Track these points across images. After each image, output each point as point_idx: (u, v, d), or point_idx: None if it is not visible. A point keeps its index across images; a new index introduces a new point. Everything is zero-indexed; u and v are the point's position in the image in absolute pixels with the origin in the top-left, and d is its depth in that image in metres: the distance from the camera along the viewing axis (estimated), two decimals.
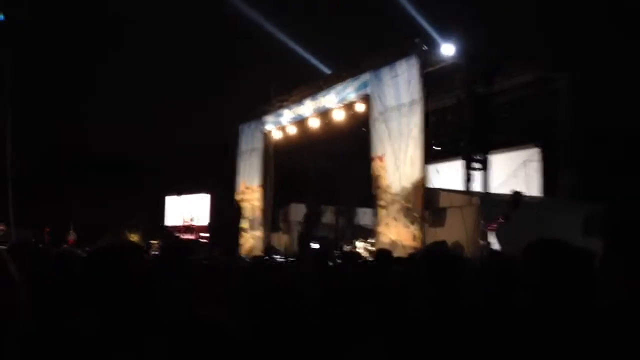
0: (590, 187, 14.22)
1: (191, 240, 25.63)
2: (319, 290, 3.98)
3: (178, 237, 24.81)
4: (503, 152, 16.18)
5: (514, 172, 16.31)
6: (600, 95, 13.79)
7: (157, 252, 20.08)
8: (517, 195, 11.84)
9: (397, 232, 14.08)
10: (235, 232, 20.14)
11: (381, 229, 14.79)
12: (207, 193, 27.31)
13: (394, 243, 13.99)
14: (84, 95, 24.36)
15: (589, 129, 14.37)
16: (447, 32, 14.30)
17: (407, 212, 13.85)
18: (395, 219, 14.21)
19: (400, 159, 14.34)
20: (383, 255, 6.56)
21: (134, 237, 26.91)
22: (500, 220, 12.13)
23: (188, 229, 27.03)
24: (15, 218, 21.21)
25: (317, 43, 19.99)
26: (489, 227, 12.33)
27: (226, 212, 23.50)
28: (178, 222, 27.71)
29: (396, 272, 4.91)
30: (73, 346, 2.62)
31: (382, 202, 14.89)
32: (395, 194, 14.35)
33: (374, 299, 3.75)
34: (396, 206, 14.26)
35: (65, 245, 21.94)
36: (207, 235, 26.00)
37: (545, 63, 15.27)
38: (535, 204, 14.63)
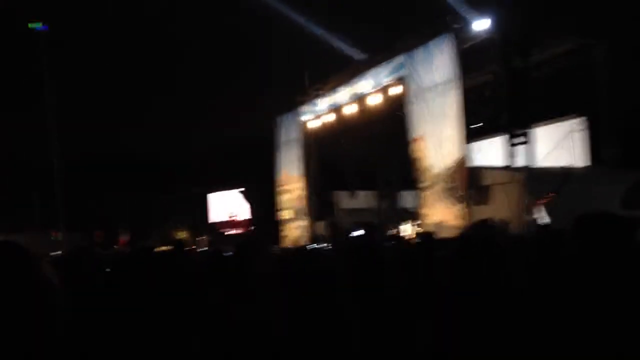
0: (633, 156, 13.90)
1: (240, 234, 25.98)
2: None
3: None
4: (546, 124, 15.90)
5: (558, 144, 16.02)
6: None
7: (204, 248, 20.39)
8: (566, 170, 11.64)
9: (442, 213, 14.00)
10: None
11: (426, 210, 14.73)
12: (248, 187, 27.57)
13: (440, 223, 13.94)
14: (122, 98, 24.74)
15: (630, 97, 14.00)
16: (479, 7, 14.08)
17: (451, 192, 13.76)
18: (440, 200, 14.14)
19: (440, 138, 14.23)
20: (424, 237, 6.48)
21: (182, 234, 27.36)
22: (550, 194, 11.98)
23: (233, 223, 27.37)
24: (66, 223, 21.77)
25: (348, 29, 19.87)
26: (538, 203, 12.18)
27: (266, 204, 23.71)
28: (223, 218, 28.05)
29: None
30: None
31: (424, 184, 14.82)
32: (438, 175, 14.26)
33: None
34: (439, 186, 14.18)
35: (116, 246, 22.48)
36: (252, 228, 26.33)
37: (582, 31, 14.91)
38: (581, 175, 14.38)
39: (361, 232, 13.96)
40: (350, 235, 13.11)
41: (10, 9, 20.42)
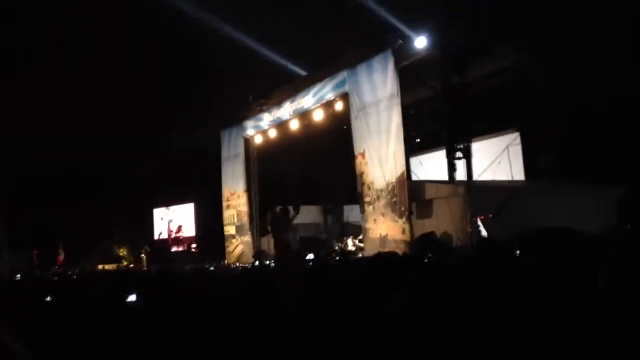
0: (569, 168, 14.40)
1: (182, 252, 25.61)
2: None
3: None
4: (485, 139, 16.34)
5: (496, 158, 16.48)
6: (575, 77, 13.93)
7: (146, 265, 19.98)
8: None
9: (386, 227, 14.15)
10: None
11: (369, 225, 14.86)
12: (192, 202, 27.26)
13: (383, 238, 14.09)
14: (62, 111, 24.12)
15: (564, 111, 14.53)
16: (419, 25, 14.35)
17: (394, 207, 13.92)
18: (383, 215, 14.28)
19: (382, 154, 14.40)
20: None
21: (123, 252, 26.80)
22: (489, 216, 12.28)
23: (177, 240, 26.96)
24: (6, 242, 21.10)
25: (291, 45, 19.94)
26: (479, 218, 12.47)
27: (210, 220, 23.49)
28: (167, 234, 27.61)
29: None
30: None
31: (367, 199, 14.95)
32: (380, 190, 14.42)
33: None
34: (382, 202, 14.33)
35: (55, 267, 21.84)
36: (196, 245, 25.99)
37: (520, 48, 15.40)
38: (518, 188, 14.80)
39: (311, 255, 13.98)
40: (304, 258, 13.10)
41: None
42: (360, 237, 16.12)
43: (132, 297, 4.10)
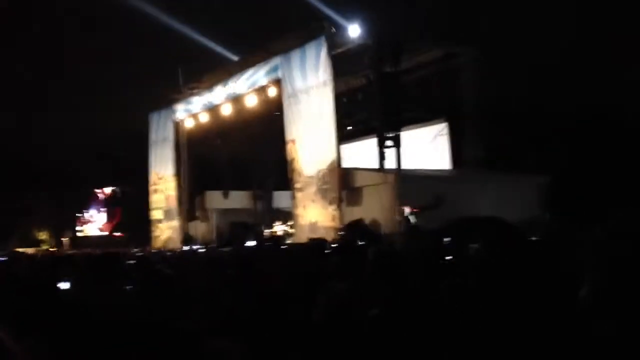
0: (494, 158, 14.83)
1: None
2: None
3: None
4: (414, 128, 16.58)
5: (425, 147, 16.78)
6: (503, 69, 14.34)
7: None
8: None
9: (315, 214, 14.21)
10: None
11: (299, 211, 14.89)
12: (119, 186, 26.63)
13: (313, 225, 14.15)
14: None
15: (492, 102, 14.92)
16: (352, 13, 14.42)
17: (325, 194, 13.98)
18: (313, 201, 14.33)
19: (313, 141, 14.43)
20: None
21: (42, 235, 25.96)
22: (417, 210, 12.48)
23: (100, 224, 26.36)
24: None
25: (223, 29, 19.66)
26: (410, 209, 12.65)
27: (138, 205, 22.99)
28: (92, 218, 26.90)
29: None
30: None
31: (298, 185, 14.97)
32: (311, 177, 14.45)
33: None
34: (312, 188, 14.37)
35: None
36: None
37: (450, 39, 15.69)
38: (444, 178, 15.15)
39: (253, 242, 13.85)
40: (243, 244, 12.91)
41: None
42: (290, 222, 16.14)
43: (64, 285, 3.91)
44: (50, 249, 22.68)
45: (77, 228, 26.48)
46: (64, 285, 3.90)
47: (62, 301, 3.27)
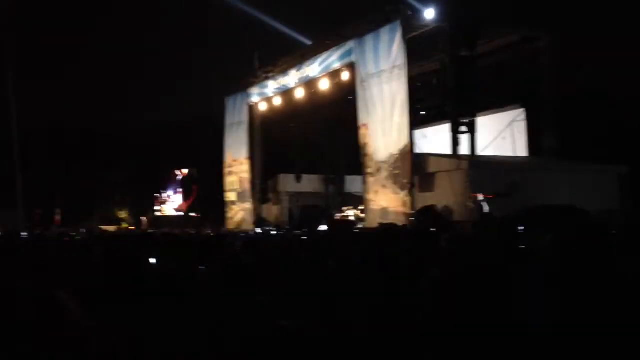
0: (572, 146, 14.39)
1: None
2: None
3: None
4: (489, 114, 16.27)
5: (500, 134, 16.43)
6: (582, 55, 13.85)
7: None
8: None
9: (387, 199, 14.18)
10: None
11: (370, 196, 14.89)
12: (196, 167, 27.26)
13: (384, 210, 14.13)
14: (70, 73, 24.14)
15: (571, 89, 14.46)
16: None
17: (396, 179, 13.93)
18: (384, 186, 14.30)
19: (385, 125, 14.36)
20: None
21: (123, 214, 26.93)
22: (491, 196, 12.28)
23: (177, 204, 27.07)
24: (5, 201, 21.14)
25: (300, 13, 19.81)
26: (482, 195, 12.47)
27: (213, 186, 23.52)
28: (170, 198, 27.67)
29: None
30: None
31: (369, 170, 14.97)
32: (383, 162, 14.41)
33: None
34: (384, 174, 14.34)
35: (54, 227, 21.91)
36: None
37: (528, 24, 15.28)
38: (520, 165, 14.81)
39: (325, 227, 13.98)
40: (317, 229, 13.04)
41: None
42: (361, 207, 16.17)
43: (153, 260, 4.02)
44: (130, 228, 23.53)
45: (155, 208, 27.34)
46: (152, 260, 4.00)
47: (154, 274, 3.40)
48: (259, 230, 16.13)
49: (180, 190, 27.55)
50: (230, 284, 3.18)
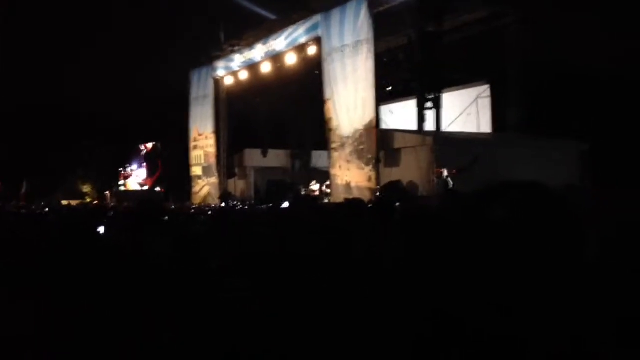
0: (536, 122, 14.49)
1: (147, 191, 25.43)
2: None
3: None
4: (455, 90, 16.33)
5: (465, 110, 16.52)
6: (549, 31, 13.90)
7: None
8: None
9: (351, 175, 14.18)
10: None
11: (335, 171, 14.88)
12: (160, 141, 26.91)
13: (348, 185, 14.14)
14: (34, 47, 23.49)
15: (536, 65, 14.52)
16: None
17: (361, 154, 13.92)
18: (349, 162, 14.29)
19: (349, 100, 14.30)
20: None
21: (87, 189, 26.53)
22: (454, 172, 12.35)
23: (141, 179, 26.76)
24: None
25: None
26: (446, 172, 12.54)
27: (178, 161, 23.28)
28: (133, 173, 27.33)
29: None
30: None
31: (333, 145, 14.94)
32: (347, 137, 14.38)
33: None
34: (348, 149, 14.31)
35: (18, 202, 21.48)
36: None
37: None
38: (486, 141, 14.92)
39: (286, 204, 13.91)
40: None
41: None
42: (327, 182, 16.17)
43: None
44: (93, 202, 23.19)
45: (119, 182, 26.99)
46: (100, 229, 4.04)
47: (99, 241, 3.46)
48: (223, 204, 16.04)
49: (145, 164, 27.23)
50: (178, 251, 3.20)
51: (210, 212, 8.78)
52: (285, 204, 13.17)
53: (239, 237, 4.12)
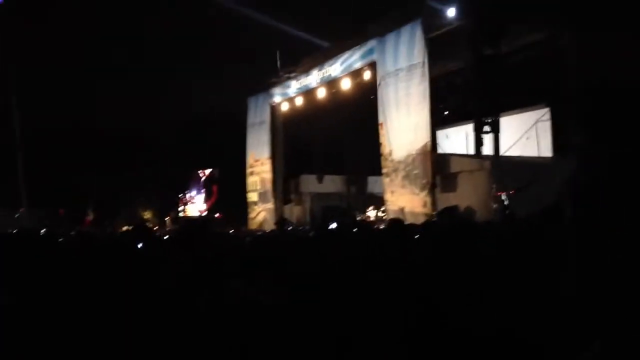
0: (598, 147, 14.02)
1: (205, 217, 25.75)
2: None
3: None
4: (513, 113, 16.02)
5: (525, 134, 16.16)
6: (609, 53, 13.52)
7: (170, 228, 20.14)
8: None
9: (405, 200, 14.01)
10: None
11: (387, 197, 14.77)
12: (217, 167, 27.29)
13: (402, 210, 13.96)
14: (89, 73, 24.31)
15: (596, 88, 14.11)
16: None
17: (414, 179, 13.76)
18: (402, 187, 14.14)
19: (402, 125, 14.20)
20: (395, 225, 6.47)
21: (147, 215, 27.07)
22: (511, 192, 12.08)
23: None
24: (29, 200, 21.35)
25: (322, 13, 19.74)
26: (503, 193, 12.27)
27: (235, 187, 23.54)
28: (193, 198, 27.75)
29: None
30: None
31: (385, 170, 14.86)
32: (399, 162, 14.25)
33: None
34: (400, 174, 14.17)
35: (82, 227, 22.10)
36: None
37: (553, 22, 14.99)
38: (544, 166, 14.55)
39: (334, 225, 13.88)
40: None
41: None
42: (383, 208, 16.05)
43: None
44: (154, 228, 23.62)
45: (179, 208, 27.45)
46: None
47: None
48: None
49: (203, 190, 27.62)
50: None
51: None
52: (333, 225, 13.17)
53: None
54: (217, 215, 25.48)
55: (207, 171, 27.37)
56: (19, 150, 20.89)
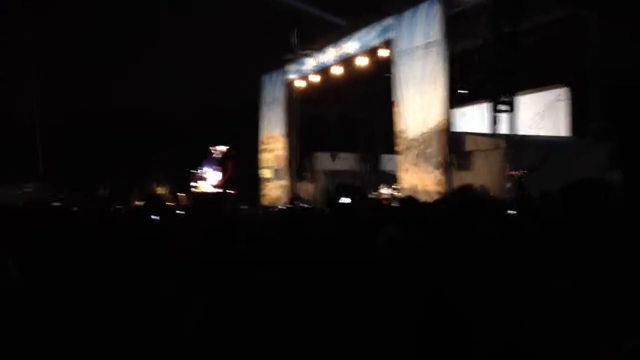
0: (617, 129, 13.81)
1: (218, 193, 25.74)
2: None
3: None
4: (531, 92, 15.81)
5: (541, 113, 15.96)
6: (633, 34, 13.24)
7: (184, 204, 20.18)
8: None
9: (418, 178, 13.93)
10: None
11: (401, 174, 14.71)
12: (231, 144, 27.22)
13: (415, 188, 13.88)
14: (104, 52, 24.32)
15: (617, 70, 13.86)
16: None
17: (428, 157, 13.66)
18: (415, 165, 14.06)
19: (416, 103, 14.09)
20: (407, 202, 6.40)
21: (161, 190, 27.11)
22: (524, 172, 11.98)
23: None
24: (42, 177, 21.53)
25: None
26: (514, 173, 12.17)
27: (249, 164, 23.52)
28: (206, 175, 27.75)
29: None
30: None
31: (398, 148, 14.78)
32: (412, 140, 14.16)
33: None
34: (413, 152, 14.09)
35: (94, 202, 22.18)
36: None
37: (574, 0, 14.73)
38: (560, 146, 14.39)
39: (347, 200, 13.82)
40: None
41: None
42: (395, 185, 16.00)
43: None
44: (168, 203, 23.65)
45: (192, 184, 27.50)
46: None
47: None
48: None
49: (218, 167, 27.59)
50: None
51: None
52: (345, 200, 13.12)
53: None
54: (231, 191, 25.47)
55: (223, 148, 27.33)
56: (36, 125, 21.01)
